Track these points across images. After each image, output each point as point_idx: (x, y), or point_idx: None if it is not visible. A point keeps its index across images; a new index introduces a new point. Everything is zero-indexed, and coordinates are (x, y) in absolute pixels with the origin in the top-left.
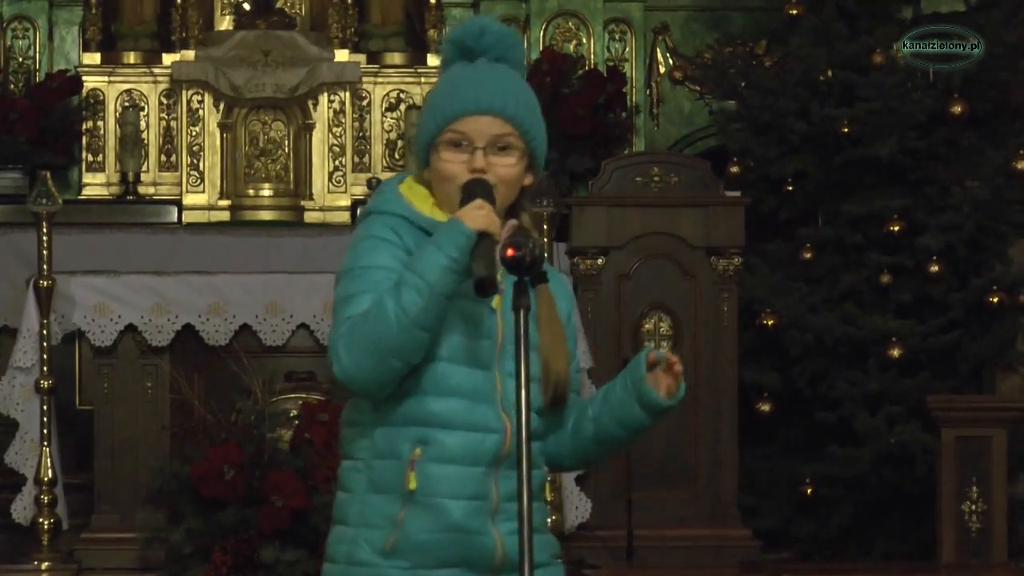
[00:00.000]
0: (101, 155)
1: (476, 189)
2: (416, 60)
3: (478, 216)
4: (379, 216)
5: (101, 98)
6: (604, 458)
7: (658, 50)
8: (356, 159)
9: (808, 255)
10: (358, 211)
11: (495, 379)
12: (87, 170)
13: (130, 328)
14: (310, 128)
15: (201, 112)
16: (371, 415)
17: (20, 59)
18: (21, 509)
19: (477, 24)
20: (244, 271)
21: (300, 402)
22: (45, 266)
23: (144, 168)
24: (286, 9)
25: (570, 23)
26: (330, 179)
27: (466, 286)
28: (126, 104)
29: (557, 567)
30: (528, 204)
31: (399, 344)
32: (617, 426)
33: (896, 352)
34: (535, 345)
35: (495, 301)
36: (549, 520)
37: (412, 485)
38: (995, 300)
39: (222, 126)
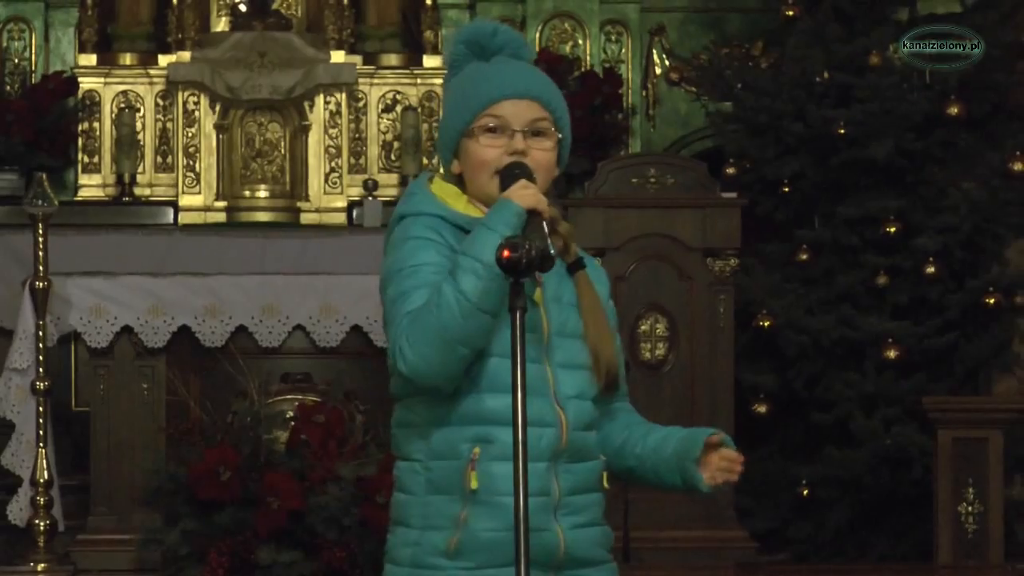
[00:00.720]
0: (97, 156)
1: (516, 171)
2: (412, 61)
3: (526, 195)
4: (416, 218)
5: (97, 99)
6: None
7: (654, 51)
8: (352, 160)
9: (804, 256)
10: (355, 213)
11: (546, 372)
12: (83, 171)
13: (126, 329)
14: (306, 129)
15: (197, 113)
16: (426, 415)
17: (16, 60)
18: (17, 511)
19: (488, 25)
20: (240, 272)
21: (296, 403)
22: (41, 267)
23: (140, 169)
24: (282, 10)
25: (566, 24)
26: (326, 180)
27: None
28: (122, 105)
29: (610, 564)
30: (554, 196)
31: (464, 330)
32: (655, 478)
33: (892, 353)
34: (580, 334)
35: (536, 294)
36: None
37: (474, 484)
38: (991, 301)
39: (218, 127)
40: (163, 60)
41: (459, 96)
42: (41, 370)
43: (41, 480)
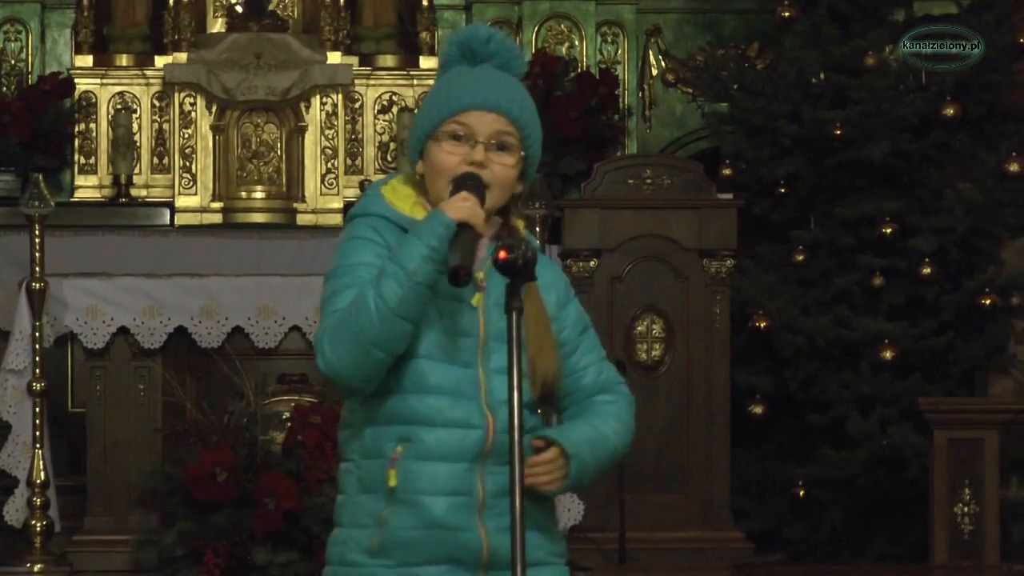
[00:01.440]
0: (93, 157)
1: (467, 181)
2: (408, 63)
3: (461, 207)
4: (361, 219)
5: (93, 100)
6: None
7: (650, 52)
8: (348, 161)
9: (800, 257)
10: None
11: (478, 376)
12: (79, 172)
13: (122, 330)
14: (302, 130)
15: (193, 114)
16: (361, 416)
17: (12, 62)
18: (13, 511)
19: (484, 31)
20: (236, 273)
21: (292, 404)
22: (37, 268)
23: (136, 170)
24: (278, 12)
25: (562, 25)
26: (322, 181)
27: (444, 283)
28: (118, 106)
29: (558, 568)
30: (519, 210)
31: (380, 334)
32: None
33: (888, 354)
34: (521, 341)
35: (475, 299)
36: None
37: (392, 482)
38: (987, 302)
39: (214, 128)
40: (159, 61)
41: (433, 98)
42: (37, 371)
43: (37, 481)
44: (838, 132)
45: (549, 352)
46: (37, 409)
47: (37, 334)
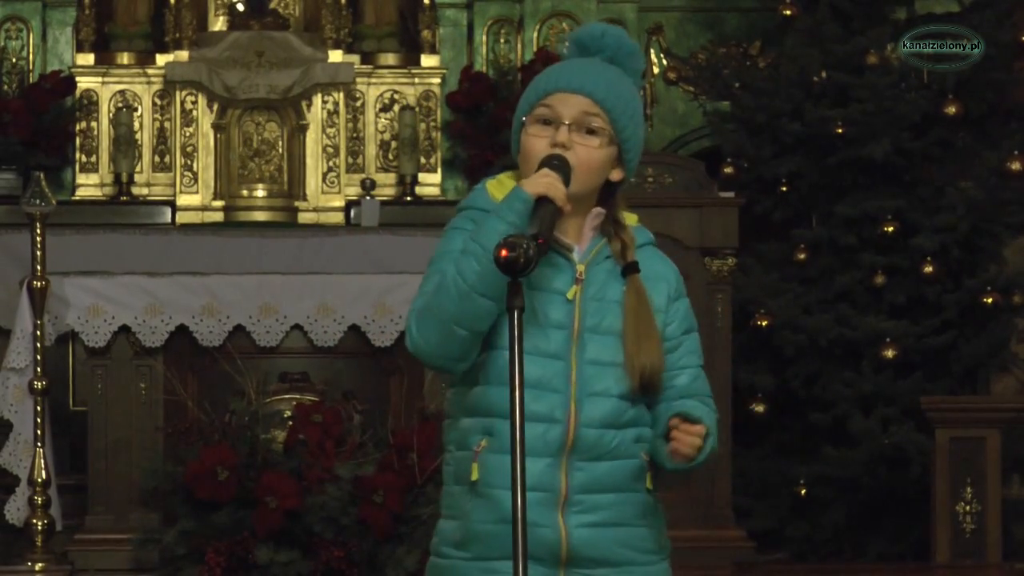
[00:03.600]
0: (95, 156)
1: (551, 161)
2: (410, 61)
3: (540, 182)
4: (463, 212)
5: (95, 99)
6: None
7: (652, 51)
8: (350, 160)
9: (802, 256)
10: (352, 212)
11: (569, 369)
12: (81, 171)
13: (124, 329)
14: (304, 129)
15: (195, 113)
16: (457, 406)
17: (13, 60)
18: (14, 510)
19: (599, 27)
20: (238, 272)
21: (294, 403)
22: (39, 267)
23: (138, 169)
24: (280, 10)
25: (564, 24)
26: (324, 180)
27: (537, 274)
28: (120, 105)
29: (646, 567)
30: (624, 202)
31: (460, 311)
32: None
33: (890, 353)
34: (616, 332)
35: (571, 292)
36: None
37: (474, 476)
38: (989, 301)
39: (216, 127)
40: (161, 59)
41: (528, 88)
42: (39, 369)
43: (39, 480)
44: (840, 130)
45: (650, 343)
46: (38, 408)
47: (38, 332)
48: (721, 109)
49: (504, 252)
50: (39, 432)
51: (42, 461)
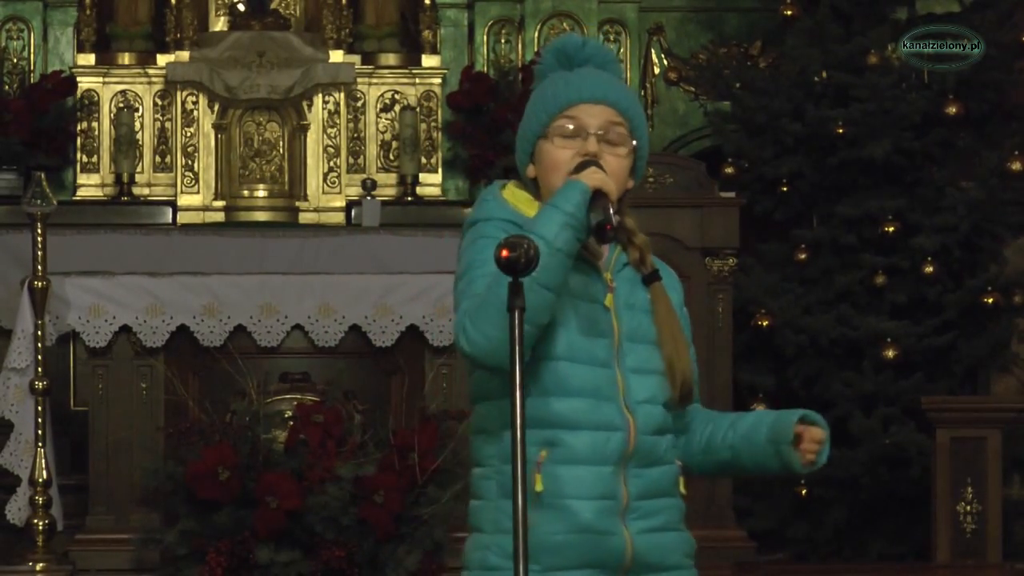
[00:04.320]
0: (96, 156)
1: (590, 163)
2: (411, 61)
3: (594, 176)
4: (488, 222)
5: (96, 99)
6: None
7: (653, 51)
8: (351, 160)
9: (803, 256)
10: (353, 212)
11: (616, 376)
12: (82, 171)
13: (124, 329)
14: (305, 129)
15: (196, 113)
16: (499, 420)
17: (15, 60)
18: (16, 510)
19: (578, 38)
20: (239, 272)
21: (295, 403)
22: (39, 267)
23: (139, 169)
24: (281, 10)
25: (565, 24)
26: (325, 180)
27: (579, 283)
28: (120, 105)
29: (688, 571)
30: (628, 208)
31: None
32: (753, 466)
33: (891, 353)
34: (653, 340)
35: (607, 299)
36: None
37: (539, 487)
38: (990, 301)
39: (217, 127)
40: (161, 60)
41: (538, 100)
42: (40, 369)
43: (40, 480)
44: (840, 130)
45: (684, 350)
46: (39, 408)
47: (39, 333)
48: (722, 109)
49: (505, 252)
50: (40, 432)
51: (43, 461)
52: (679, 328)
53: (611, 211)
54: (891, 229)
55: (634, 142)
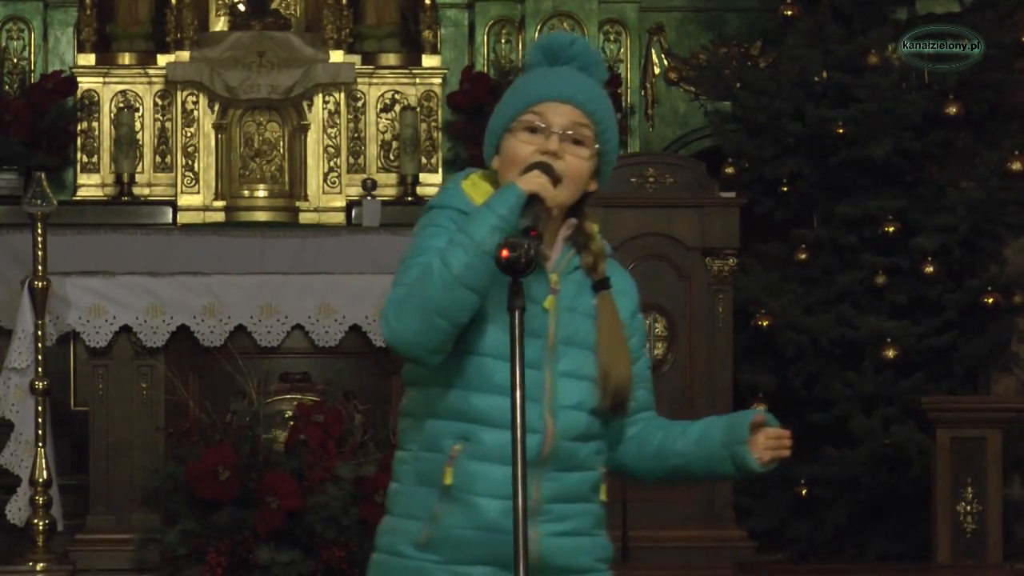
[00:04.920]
0: (96, 156)
1: (539, 166)
2: (411, 61)
3: (533, 180)
4: (440, 210)
5: (96, 99)
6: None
7: (653, 51)
8: (351, 160)
9: (803, 256)
10: (353, 212)
11: (544, 379)
12: (82, 171)
13: (125, 329)
14: (305, 129)
15: (196, 113)
16: (424, 407)
17: (15, 60)
18: (16, 510)
19: (567, 36)
20: (239, 272)
21: (295, 403)
22: (40, 267)
23: (139, 169)
24: (281, 10)
25: (565, 24)
26: (325, 180)
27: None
28: (121, 105)
29: (601, 574)
30: (592, 212)
31: (443, 301)
32: (705, 472)
33: (891, 353)
34: (591, 346)
35: (548, 301)
36: None
37: (448, 480)
38: (990, 301)
39: (217, 127)
40: (162, 60)
41: (510, 94)
42: (40, 369)
43: (40, 480)
44: (840, 131)
45: (623, 360)
46: (39, 408)
47: (39, 332)
48: (722, 109)
49: (505, 252)
50: (40, 432)
51: (43, 461)
52: (621, 337)
53: (543, 217)
54: (891, 229)
55: (598, 146)
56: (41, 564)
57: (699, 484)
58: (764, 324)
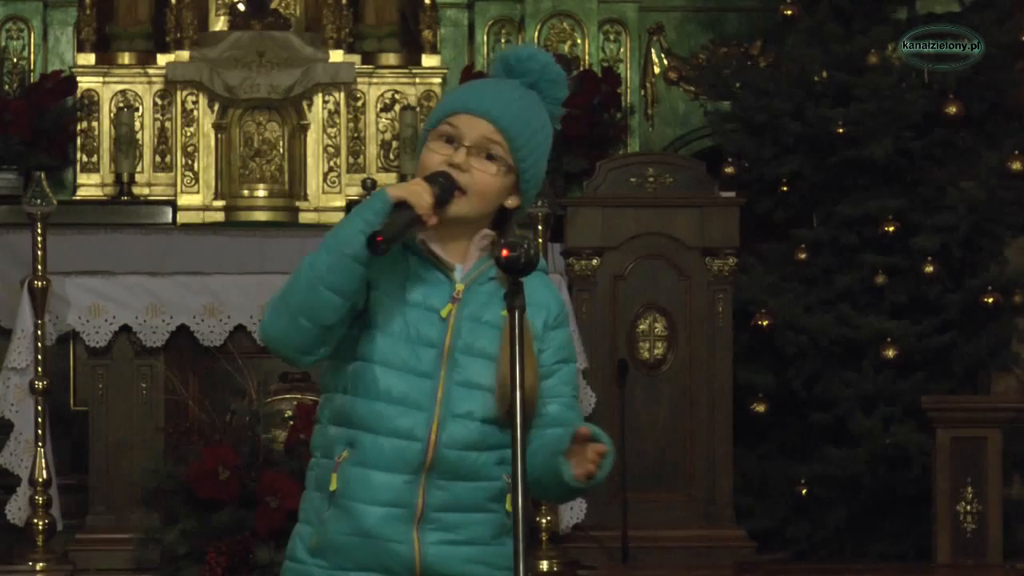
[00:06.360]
0: (96, 156)
1: (436, 178)
2: (411, 61)
3: (407, 188)
4: None
5: (96, 99)
6: (564, 499)
7: (653, 51)
8: (351, 160)
9: (803, 256)
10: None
11: (436, 387)
12: (82, 171)
13: (125, 329)
14: (305, 129)
15: (196, 113)
16: (327, 413)
17: (15, 60)
18: (15, 510)
19: (528, 50)
20: (239, 272)
21: (295, 403)
22: (40, 267)
23: (139, 169)
24: (281, 10)
25: (565, 24)
26: (325, 180)
27: (414, 290)
28: (121, 105)
29: None
30: (515, 229)
31: (305, 301)
32: (538, 484)
33: (891, 353)
34: (492, 356)
35: (446, 310)
36: (544, 521)
37: (332, 486)
38: (990, 301)
39: (217, 127)
40: (161, 59)
41: (440, 102)
42: (39, 369)
43: (39, 479)
44: (840, 130)
45: (529, 372)
46: (39, 407)
47: (39, 332)
48: (722, 109)
49: (505, 252)
50: (40, 432)
51: (43, 461)
52: (528, 350)
53: (405, 227)
54: (891, 229)
55: (514, 166)
56: (41, 564)
57: (550, 497)
58: (764, 324)
